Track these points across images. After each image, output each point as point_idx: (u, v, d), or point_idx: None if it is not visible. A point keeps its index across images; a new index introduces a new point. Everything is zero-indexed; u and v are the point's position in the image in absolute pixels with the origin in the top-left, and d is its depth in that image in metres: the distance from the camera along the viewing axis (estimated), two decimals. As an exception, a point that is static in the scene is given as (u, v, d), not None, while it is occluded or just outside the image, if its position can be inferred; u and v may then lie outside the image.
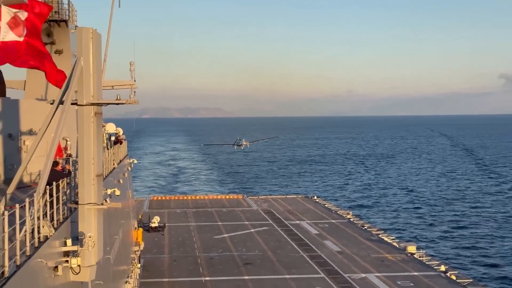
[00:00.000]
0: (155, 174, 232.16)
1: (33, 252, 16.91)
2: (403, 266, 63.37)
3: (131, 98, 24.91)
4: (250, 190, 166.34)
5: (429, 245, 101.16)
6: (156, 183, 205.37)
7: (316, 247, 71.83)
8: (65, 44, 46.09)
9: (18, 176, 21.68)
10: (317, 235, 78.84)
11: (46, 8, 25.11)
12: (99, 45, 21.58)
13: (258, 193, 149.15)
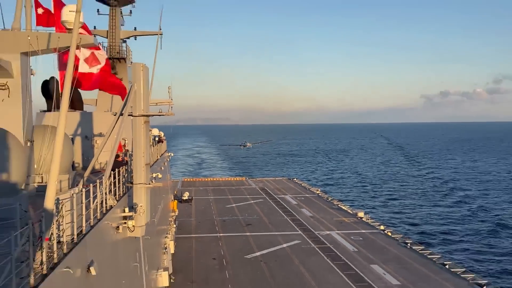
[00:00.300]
0: (186, 163, 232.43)
1: (102, 217, 16.95)
2: (355, 226, 63.34)
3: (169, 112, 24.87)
4: (250, 174, 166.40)
5: (372, 211, 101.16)
6: (186, 169, 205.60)
7: (295, 213, 71.84)
8: (124, 74, 46.03)
9: (92, 165, 21.73)
10: (296, 205, 78.85)
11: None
12: (147, 74, 21.61)
13: (256, 176, 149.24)
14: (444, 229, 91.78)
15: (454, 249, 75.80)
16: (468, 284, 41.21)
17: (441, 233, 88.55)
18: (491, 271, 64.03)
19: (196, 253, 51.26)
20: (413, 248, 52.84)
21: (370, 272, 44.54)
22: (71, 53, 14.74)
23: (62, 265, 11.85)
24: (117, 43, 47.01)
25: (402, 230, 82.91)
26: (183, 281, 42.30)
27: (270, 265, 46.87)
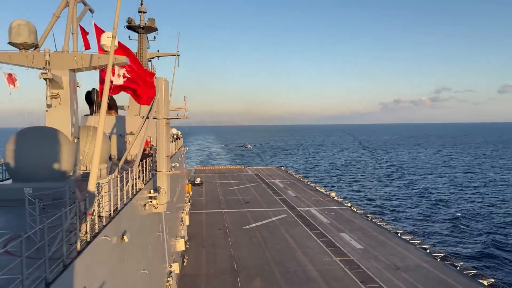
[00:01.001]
0: (198, 155, 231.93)
1: (133, 196, 16.89)
2: (328, 204, 63.41)
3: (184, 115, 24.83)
4: (248, 163, 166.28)
5: (341, 191, 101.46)
6: (198, 159, 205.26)
7: (282, 193, 71.79)
8: (150, 86, 45.79)
9: (124, 157, 21.64)
10: (283, 187, 78.83)
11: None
12: (168, 87, 21.51)
13: (252, 165, 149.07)
14: (395, 204, 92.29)
15: (403, 220, 76.10)
16: (415, 248, 41.39)
17: (393, 207, 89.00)
18: (432, 236, 64.35)
19: (206, 224, 51.21)
20: (373, 220, 53.02)
21: (340, 239, 44.66)
22: (108, 70, 14.67)
23: (102, 234, 11.91)
24: (144, 62, 46.81)
25: (364, 206, 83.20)
26: (196, 246, 42.29)
27: (263, 233, 46.92)
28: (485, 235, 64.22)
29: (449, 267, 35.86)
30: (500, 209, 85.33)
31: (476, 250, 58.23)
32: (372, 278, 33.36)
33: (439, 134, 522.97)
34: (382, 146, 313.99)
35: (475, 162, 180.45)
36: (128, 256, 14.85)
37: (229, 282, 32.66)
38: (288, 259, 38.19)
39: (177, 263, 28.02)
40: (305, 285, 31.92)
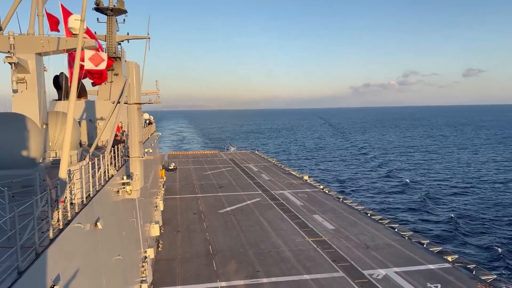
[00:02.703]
0: (171, 140, 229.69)
1: (105, 183, 16.63)
2: (301, 186, 64.39)
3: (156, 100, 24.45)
4: (222, 148, 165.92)
5: (314, 173, 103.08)
6: (172, 144, 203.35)
7: (256, 177, 72.25)
8: (120, 70, 44.67)
9: (96, 143, 21.23)
10: (257, 171, 79.29)
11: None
12: (139, 70, 21.02)
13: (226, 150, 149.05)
14: (365, 185, 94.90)
15: (373, 200, 78.37)
16: (384, 227, 42.82)
17: (363, 188, 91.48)
18: (400, 215, 66.69)
19: (180, 209, 51.08)
20: (344, 201, 54.31)
21: (313, 220, 45.60)
22: (77, 54, 14.23)
23: (75, 221, 11.76)
24: (113, 45, 45.52)
25: (336, 187, 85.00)
26: (171, 230, 42.22)
27: (238, 217, 47.29)
28: (449, 214, 67.08)
29: (416, 244, 37.37)
30: (461, 188, 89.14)
31: (441, 228, 60.86)
32: (343, 257, 34.38)
33: (404, 117, 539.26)
34: (350, 128, 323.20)
35: (436, 143, 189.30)
36: (102, 243, 14.72)
37: (205, 265, 32.92)
38: (262, 241, 38.76)
39: (152, 249, 27.96)
40: (278, 265, 32.58)
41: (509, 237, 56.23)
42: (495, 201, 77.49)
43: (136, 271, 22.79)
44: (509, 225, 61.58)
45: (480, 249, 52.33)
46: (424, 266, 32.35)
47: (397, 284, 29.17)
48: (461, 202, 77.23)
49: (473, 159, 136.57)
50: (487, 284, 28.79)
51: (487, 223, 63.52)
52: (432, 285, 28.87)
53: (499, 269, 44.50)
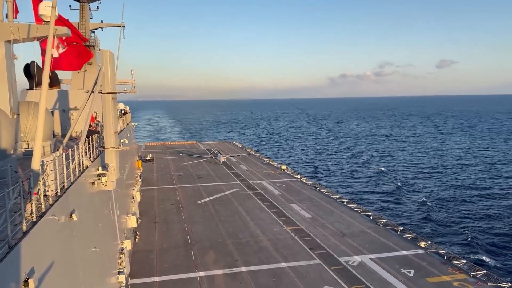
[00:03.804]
0: (148, 130, 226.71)
1: (80, 175, 16.34)
2: (279, 176, 64.87)
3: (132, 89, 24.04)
4: (200, 138, 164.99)
5: (292, 164, 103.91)
6: (148, 135, 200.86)
7: (235, 168, 72.34)
8: (94, 59, 43.59)
9: (69, 133, 20.78)
10: (235, 162, 79.36)
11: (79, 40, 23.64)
12: (113, 59, 20.58)
13: (204, 140, 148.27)
14: (339, 172, 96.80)
15: (349, 189, 79.84)
16: (359, 215, 43.75)
17: (338, 176, 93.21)
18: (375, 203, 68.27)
19: (158, 200, 50.70)
20: (321, 190, 55.10)
21: (290, 209, 46.12)
22: (49, 42, 13.79)
23: (49, 213, 11.53)
24: (86, 33, 44.28)
25: (313, 177, 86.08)
26: (148, 222, 41.91)
27: (216, 207, 47.34)
28: (422, 201, 69.09)
29: (390, 232, 38.39)
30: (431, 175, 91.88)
31: (415, 215, 62.65)
32: (320, 245, 35.00)
33: (378, 107, 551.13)
34: (326, 118, 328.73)
35: (408, 133, 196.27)
36: (78, 235, 14.50)
37: (183, 255, 32.89)
38: (241, 230, 38.98)
39: (129, 240, 27.70)
40: (257, 255, 32.89)
41: (478, 222, 58.42)
42: (464, 187, 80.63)
43: (113, 263, 22.59)
44: (478, 210, 63.97)
45: (452, 235, 54.21)
46: (398, 253, 33.31)
47: (372, 270, 29.96)
48: (432, 189, 79.73)
49: (441, 147, 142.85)
50: (458, 268, 29.93)
51: (457, 209, 65.80)
52: (406, 270, 29.79)
53: (469, 254, 46.26)
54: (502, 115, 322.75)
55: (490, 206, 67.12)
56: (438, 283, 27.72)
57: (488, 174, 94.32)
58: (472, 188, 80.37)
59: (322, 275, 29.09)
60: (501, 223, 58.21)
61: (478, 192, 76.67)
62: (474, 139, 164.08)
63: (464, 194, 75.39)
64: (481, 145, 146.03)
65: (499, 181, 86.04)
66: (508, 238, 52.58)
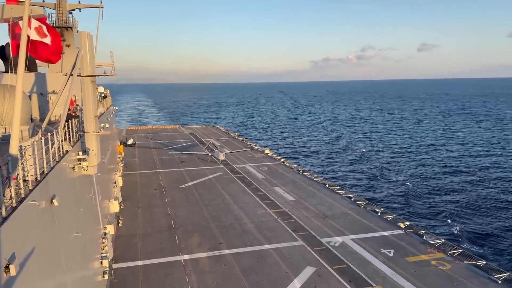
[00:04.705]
0: (129, 114, 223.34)
1: (60, 159, 16.07)
2: (263, 160, 65.15)
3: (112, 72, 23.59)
4: (183, 122, 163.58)
5: (274, 147, 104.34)
6: (130, 118, 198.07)
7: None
8: (72, 41, 42.35)
9: (48, 117, 20.30)
10: (219, 145, 78.92)
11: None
12: (92, 41, 20.07)
13: (187, 124, 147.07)
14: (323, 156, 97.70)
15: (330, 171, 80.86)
16: (341, 197, 44.48)
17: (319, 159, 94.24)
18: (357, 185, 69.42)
19: (140, 185, 50.37)
20: (303, 173, 55.65)
21: (274, 192, 46.52)
22: (24, 23, 13.31)
23: (29, 199, 11.35)
24: (64, 14, 42.85)
25: (296, 160, 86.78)
26: (131, 206, 41.70)
27: (200, 191, 47.36)
28: (402, 182, 70.58)
29: (371, 213, 39.21)
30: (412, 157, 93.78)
31: (395, 196, 64.03)
32: (303, 227, 35.54)
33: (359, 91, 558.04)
34: (309, 102, 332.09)
35: (388, 116, 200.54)
36: (59, 220, 14.34)
37: (167, 239, 32.95)
38: (224, 214, 39.19)
39: (111, 225, 27.55)
40: (241, 237, 33.20)
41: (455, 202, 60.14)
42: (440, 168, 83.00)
43: (96, 248, 22.48)
44: (455, 191, 65.77)
45: (430, 215, 55.71)
46: (378, 233, 34.12)
47: (353, 250, 30.65)
48: (411, 170, 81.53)
49: (417, 129, 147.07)
50: (436, 248, 30.88)
51: (435, 189, 67.54)
52: (386, 250, 30.59)
53: (447, 234, 47.71)
54: (477, 98, 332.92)
55: (466, 186, 69.16)
56: (417, 262, 28.60)
57: (460, 154, 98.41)
58: (448, 168, 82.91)
59: (304, 256, 29.63)
60: (477, 203, 60.15)
61: (454, 173, 79.13)
62: (449, 122, 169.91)
63: (441, 175, 77.52)
64: (455, 127, 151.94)
65: (472, 161, 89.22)
66: (484, 217, 54.41)
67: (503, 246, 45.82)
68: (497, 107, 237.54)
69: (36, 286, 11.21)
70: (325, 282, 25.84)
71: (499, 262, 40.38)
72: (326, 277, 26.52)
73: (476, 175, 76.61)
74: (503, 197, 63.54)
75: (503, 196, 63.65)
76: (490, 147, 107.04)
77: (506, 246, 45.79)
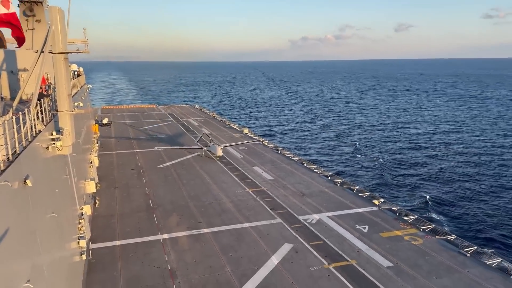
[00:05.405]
0: (104, 93, 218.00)
1: (32, 139, 15.64)
2: (242, 139, 65.04)
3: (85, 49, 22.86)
4: (160, 101, 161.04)
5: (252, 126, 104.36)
6: (105, 97, 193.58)
7: (196, 131, 71.66)
8: (42, 16, 40.49)
9: (19, 96, 19.63)
10: (197, 125, 78.61)
11: None
12: (63, 17, 19.29)
13: (164, 103, 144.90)
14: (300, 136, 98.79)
15: (308, 150, 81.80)
16: (318, 176, 45.18)
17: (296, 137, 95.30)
18: (333, 164, 70.58)
19: (117, 165, 49.69)
20: (282, 153, 56.05)
21: (252, 172, 46.77)
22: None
23: (1, 179, 11.04)
24: (32, -12, 40.84)
25: (274, 139, 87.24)
26: (108, 187, 41.20)
27: (178, 171, 47.14)
28: (378, 163, 72.13)
29: (347, 191, 40.06)
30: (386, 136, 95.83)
31: (370, 175, 65.50)
32: (281, 205, 36.05)
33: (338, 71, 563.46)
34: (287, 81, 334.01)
35: (363, 95, 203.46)
36: (33, 201, 14.04)
37: (145, 219, 32.86)
38: (203, 193, 39.25)
39: (88, 205, 27.17)
40: (220, 216, 33.43)
41: (427, 179, 62.07)
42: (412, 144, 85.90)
43: (73, 228, 22.22)
44: (427, 168, 67.80)
45: (403, 192, 57.38)
46: (354, 210, 34.98)
47: (329, 227, 31.37)
48: (384, 147, 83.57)
49: (390, 108, 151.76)
50: (409, 223, 31.95)
51: (408, 167, 69.44)
52: (361, 226, 31.45)
53: (419, 210, 49.36)
54: (448, 78, 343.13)
55: (437, 163, 71.45)
56: (391, 237, 29.56)
57: (428, 131, 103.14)
58: (418, 145, 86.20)
59: (282, 233, 30.16)
60: (448, 180, 62.37)
61: (423, 149, 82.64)
62: (420, 101, 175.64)
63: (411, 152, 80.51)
64: (426, 106, 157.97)
65: (439, 138, 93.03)
66: (455, 193, 56.46)
67: (472, 221, 47.87)
68: (466, 87, 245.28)
69: (11, 269, 11.04)
70: (302, 258, 26.45)
71: (468, 236, 42.21)
72: (303, 253, 27.15)
73: (447, 153, 79.40)
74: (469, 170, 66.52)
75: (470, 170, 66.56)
76: (456, 125, 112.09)
77: (475, 221, 47.85)
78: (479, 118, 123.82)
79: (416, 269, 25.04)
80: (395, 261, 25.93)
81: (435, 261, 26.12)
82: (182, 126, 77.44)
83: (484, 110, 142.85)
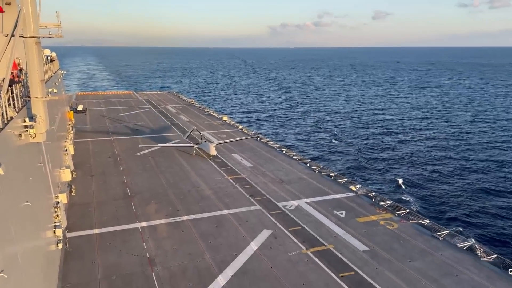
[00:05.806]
0: (78, 79, 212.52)
1: (4, 126, 15.18)
2: (221, 127, 64.92)
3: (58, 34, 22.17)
4: (137, 87, 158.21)
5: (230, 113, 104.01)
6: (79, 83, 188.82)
7: (175, 119, 71.08)
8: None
9: (-12, 81, 18.80)
10: (175, 112, 77.81)
11: None
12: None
13: (141, 89, 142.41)
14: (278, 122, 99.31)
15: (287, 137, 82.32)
16: (297, 163, 45.56)
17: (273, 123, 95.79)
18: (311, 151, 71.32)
19: (93, 153, 48.75)
20: (261, 140, 56.19)
21: (232, 159, 46.74)
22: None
23: (-29, 167, 10.66)
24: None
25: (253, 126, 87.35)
26: (84, 175, 40.44)
27: (156, 159, 46.63)
28: (353, 148, 73.36)
29: (325, 177, 40.59)
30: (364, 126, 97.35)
31: (346, 160, 66.54)
32: (260, 192, 36.26)
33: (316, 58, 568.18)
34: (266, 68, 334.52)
35: (339, 83, 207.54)
36: (6, 190, 13.66)
37: (123, 207, 32.49)
38: (182, 181, 39.03)
39: (64, 194, 26.68)
40: (199, 203, 33.38)
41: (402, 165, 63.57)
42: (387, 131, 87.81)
43: (48, 217, 21.80)
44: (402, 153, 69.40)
45: (379, 177, 58.64)
46: (331, 196, 35.53)
47: (307, 213, 31.81)
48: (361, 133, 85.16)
49: (365, 95, 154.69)
50: (384, 209, 32.71)
51: (382, 151, 70.99)
52: (338, 212, 32.01)
53: (395, 195, 50.60)
54: (424, 66, 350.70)
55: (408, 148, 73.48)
56: (367, 222, 30.23)
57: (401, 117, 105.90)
58: (392, 130, 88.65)
59: (261, 220, 30.41)
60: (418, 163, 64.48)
61: (396, 134, 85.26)
62: (395, 88, 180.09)
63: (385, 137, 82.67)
64: (400, 93, 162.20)
65: (412, 124, 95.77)
66: (429, 180, 58.10)
67: (445, 205, 49.49)
68: (440, 75, 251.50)
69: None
70: (281, 243, 26.79)
71: (441, 220, 43.64)
72: (282, 238, 27.48)
73: (416, 137, 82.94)
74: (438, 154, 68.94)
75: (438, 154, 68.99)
76: (427, 112, 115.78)
77: (448, 205, 49.49)
78: (450, 105, 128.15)
79: (391, 252, 25.75)
80: (371, 245, 26.58)
81: (409, 244, 26.90)
82: (159, 113, 76.46)
83: (456, 98, 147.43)
